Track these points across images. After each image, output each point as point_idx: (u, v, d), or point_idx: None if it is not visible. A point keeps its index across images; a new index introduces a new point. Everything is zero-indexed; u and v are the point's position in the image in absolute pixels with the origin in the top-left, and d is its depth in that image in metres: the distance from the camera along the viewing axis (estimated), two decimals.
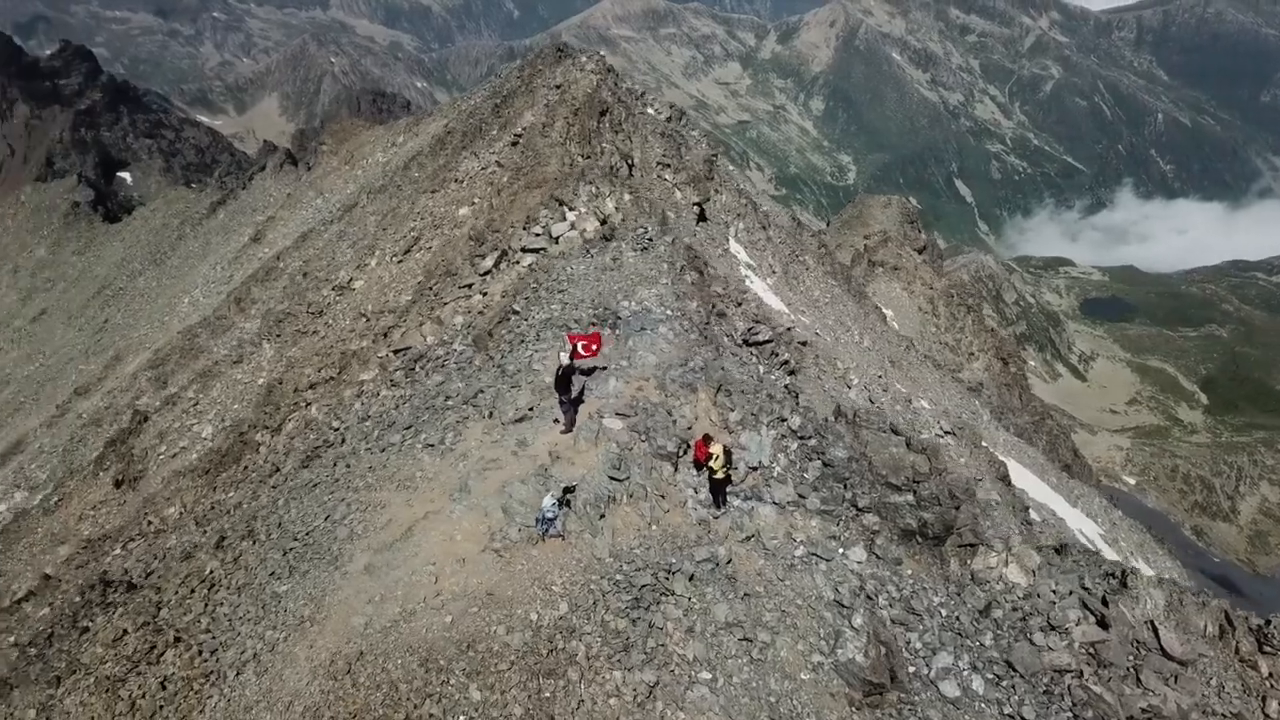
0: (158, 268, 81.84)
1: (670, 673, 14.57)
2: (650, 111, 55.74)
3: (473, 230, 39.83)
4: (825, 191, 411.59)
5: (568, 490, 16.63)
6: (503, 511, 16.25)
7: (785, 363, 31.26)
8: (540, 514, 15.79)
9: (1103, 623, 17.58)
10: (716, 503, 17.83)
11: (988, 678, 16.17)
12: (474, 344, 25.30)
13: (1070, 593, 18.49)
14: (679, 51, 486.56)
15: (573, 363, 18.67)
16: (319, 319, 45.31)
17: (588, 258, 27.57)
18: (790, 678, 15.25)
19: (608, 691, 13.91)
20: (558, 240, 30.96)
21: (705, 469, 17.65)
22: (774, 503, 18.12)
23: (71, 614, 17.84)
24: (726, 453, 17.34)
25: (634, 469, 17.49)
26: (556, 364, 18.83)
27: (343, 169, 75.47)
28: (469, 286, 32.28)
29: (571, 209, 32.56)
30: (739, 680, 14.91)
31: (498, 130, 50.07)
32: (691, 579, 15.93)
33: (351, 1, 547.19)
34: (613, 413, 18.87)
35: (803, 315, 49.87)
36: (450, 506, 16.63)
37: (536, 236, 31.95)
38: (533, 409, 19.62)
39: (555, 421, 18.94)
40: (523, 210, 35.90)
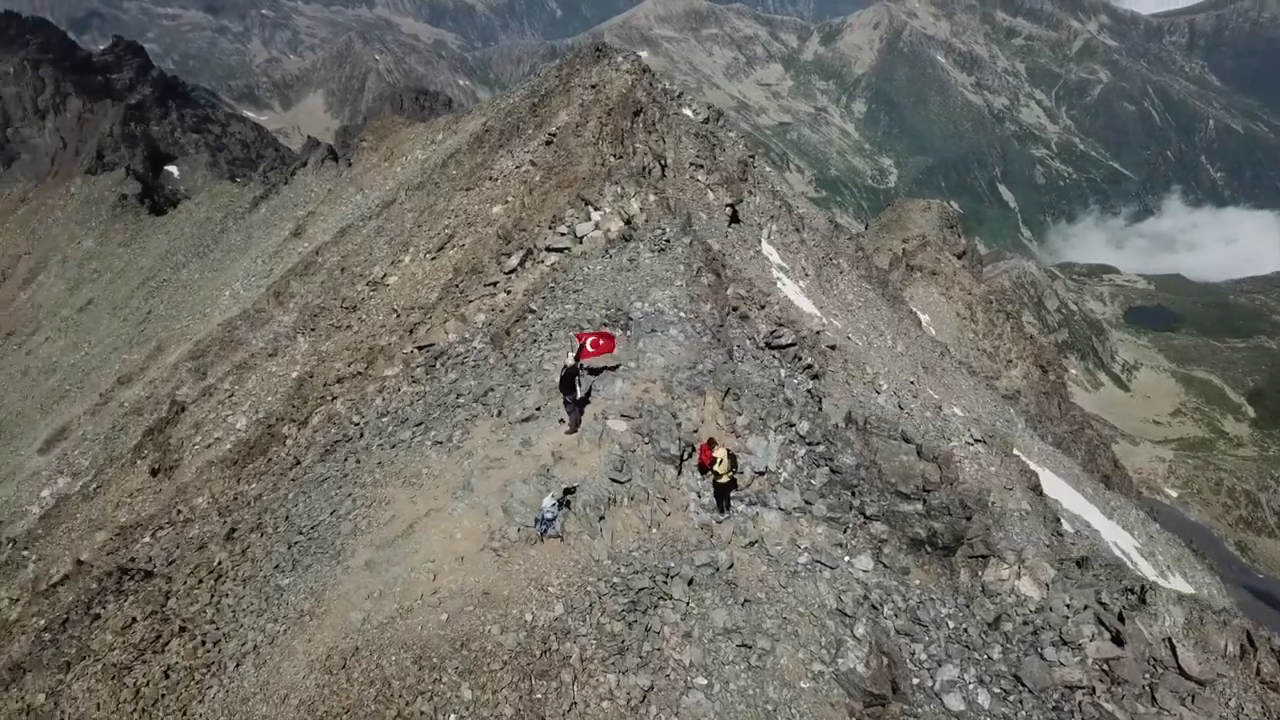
0: (201, 260, 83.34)
1: (665, 677, 14.44)
2: (686, 112, 55.54)
3: (500, 229, 39.98)
4: (866, 194, 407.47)
5: (568, 491, 16.58)
6: (503, 511, 16.24)
7: (809, 367, 30.92)
8: (539, 514, 15.77)
9: (1118, 639, 17.18)
10: (720, 507, 17.71)
11: (995, 692, 15.83)
12: (491, 342, 25.39)
13: (1085, 607, 18.10)
14: (721, 52, 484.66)
15: (577, 363, 18.64)
16: (352, 314, 45.79)
17: (606, 258, 27.52)
18: (789, 686, 15.06)
19: (601, 694, 13.82)
20: (582, 240, 30.83)
21: (709, 473, 17.52)
22: (780, 508, 17.94)
23: (86, 600, 18.20)
24: (731, 457, 17.20)
25: (636, 471, 17.39)
26: (562, 364, 18.83)
27: (382, 165, 76.24)
28: (494, 285, 32.34)
29: (597, 209, 32.44)
30: (736, 687, 14.75)
31: (533, 129, 50.18)
32: (690, 583, 15.79)
33: (397, 0, 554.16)
34: (617, 414, 18.79)
35: (834, 319, 49.33)
36: (452, 504, 16.65)
37: (562, 236, 31.87)
38: (540, 409, 19.61)
39: (561, 422, 18.92)
40: (551, 209, 35.86)
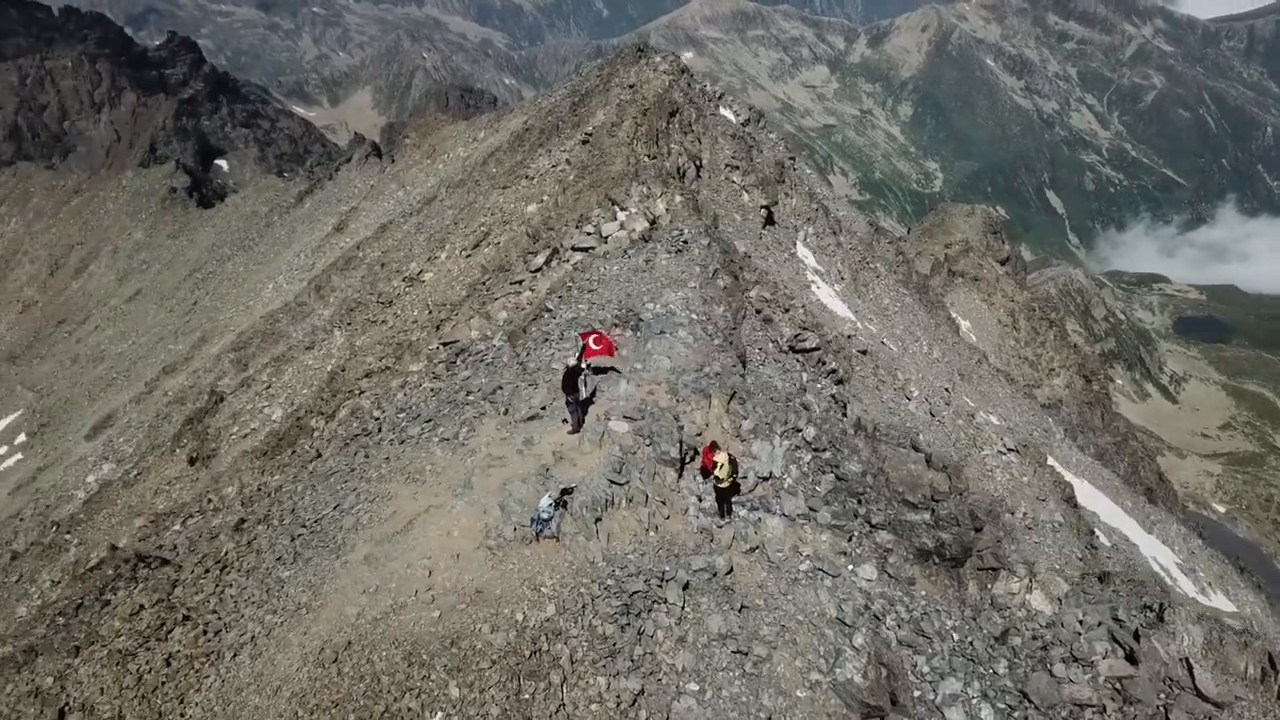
0: (246, 253, 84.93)
1: (657, 682, 14.34)
2: (726, 113, 55.27)
3: (529, 228, 40.13)
4: (910, 198, 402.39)
5: (566, 491, 16.53)
6: (500, 509, 16.25)
7: (833, 371, 30.59)
8: (536, 514, 15.75)
9: (1132, 657, 16.75)
10: (721, 512, 17.52)
11: (999, 707, 15.48)
12: (509, 340, 25.47)
13: (1099, 624, 17.67)
14: (766, 54, 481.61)
15: (580, 363, 18.62)
16: (388, 309, 46.29)
17: (624, 258, 27.45)
18: (785, 694, 14.85)
19: (590, 697, 13.76)
20: (607, 240, 30.82)
21: (711, 477, 17.36)
22: (783, 514, 17.70)
23: (100, 586, 18.58)
24: (732, 461, 17.01)
25: (635, 473, 17.28)
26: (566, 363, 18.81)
27: (424, 162, 77.05)
28: (519, 283, 32.46)
29: (623, 209, 32.41)
30: (729, 694, 14.57)
31: (571, 128, 50.25)
32: (686, 587, 15.64)
33: None
34: (620, 415, 18.70)
35: (869, 323, 48.76)
36: (452, 502, 16.70)
37: (588, 235, 31.87)
38: (545, 408, 19.61)
39: (564, 421, 18.89)
40: (581, 209, 35.88)
